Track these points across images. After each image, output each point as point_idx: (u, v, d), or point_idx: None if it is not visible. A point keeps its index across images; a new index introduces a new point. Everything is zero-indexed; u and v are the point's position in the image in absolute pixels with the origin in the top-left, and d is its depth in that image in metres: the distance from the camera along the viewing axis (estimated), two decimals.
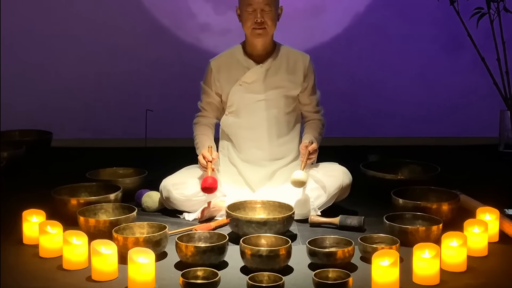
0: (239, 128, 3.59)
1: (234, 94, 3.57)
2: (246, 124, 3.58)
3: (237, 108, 3.58)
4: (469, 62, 5.00)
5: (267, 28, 3.47)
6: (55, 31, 5.01)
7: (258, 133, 3.57)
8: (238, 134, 3.60)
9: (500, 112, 4.79)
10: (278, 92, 3.56)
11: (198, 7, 5.05)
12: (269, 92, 3.55)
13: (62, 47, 5.03)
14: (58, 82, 5.07)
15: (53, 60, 5.05)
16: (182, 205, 3.47)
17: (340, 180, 3.47)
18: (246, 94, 3.56)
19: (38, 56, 5.03)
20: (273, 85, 3.55)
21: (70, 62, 5.05)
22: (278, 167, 3.58)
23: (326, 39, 5.07)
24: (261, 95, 3.55)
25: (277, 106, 3.57)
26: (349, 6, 5.07)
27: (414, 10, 5.06)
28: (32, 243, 3.08)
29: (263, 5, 3.45)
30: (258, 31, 3.47)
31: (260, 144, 3.57)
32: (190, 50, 5.04)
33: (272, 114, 3.56)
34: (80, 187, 3.61)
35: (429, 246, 2.75)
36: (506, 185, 4.02)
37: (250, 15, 3.46)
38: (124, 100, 5.10)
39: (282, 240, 2.91)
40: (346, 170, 3.54)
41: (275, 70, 3.56)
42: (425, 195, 3.51)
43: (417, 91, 5.15)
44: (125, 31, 5.04)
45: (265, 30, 3.47)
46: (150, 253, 2.67)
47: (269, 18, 3.47)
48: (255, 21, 3.45)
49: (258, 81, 3.55)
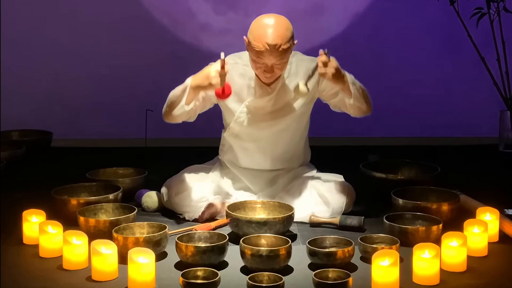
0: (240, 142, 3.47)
1: (238, 118, 3.39)
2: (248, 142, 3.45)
3: (239, 131, 3.44)
4: (469, 62, 4.99)
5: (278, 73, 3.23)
6: (55, 31, 5.01)
7: (261, 148, 3.46)
8: (239, 146, 3.49)
9: (500, 112, 4.78)
10: (288, 118, 3.38)
11: (198, 7, 5.05)
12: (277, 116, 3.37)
13: (62, 47, 5.03)
14: (58, 82, 5.06)
15: (53, 60, 5.04)
16: (182, 210, 3.46)
17: (344, 197, 3.41)
18: (251, 120, 3.38)
19: (38, 56, 5.03)
20: (282, 111, 3.36)
21: (70, 62, 5.05)
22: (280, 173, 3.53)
23: (326, 39, 5.07)
24: (266, 122, 3.38)
25: (286, 128, 3.42)
26: (349, 6, 5.07)
27: (414, 10, 5.05)
28: (32, 243, 3.08)
29: (275, 61, 3.16)
30: (267, 78, 3.25)
31: (263, 157, 3.47)
32: (190, 50, 5.04)
33: (278, 135, 3.42)
34: (80, 187, 3.61)
35: (429, 246, 2.75)
36: (506, 185, 4.01)
37: (260, 65, 3.19)
38: (124, 100, 5.10)
39: (282, 240, 2.91)
40: (350, 187, 3.47)
41: (284, 90, 3.33)
42: (425, 195, 3.50)
43: (417, 91, 5.15)
44: (125, 31, 5.04)
45: (276, 74, 3.23)
46: (150, 253, 2.67)
47: (281, 68, 3.21)
48: (265, 70, 3.20)
49: (266, 108, 3.36)
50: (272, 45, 3.11)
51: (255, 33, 3.15)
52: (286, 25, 3.18)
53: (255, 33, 3.15)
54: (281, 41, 3.12)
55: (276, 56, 3.13)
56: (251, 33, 3.18)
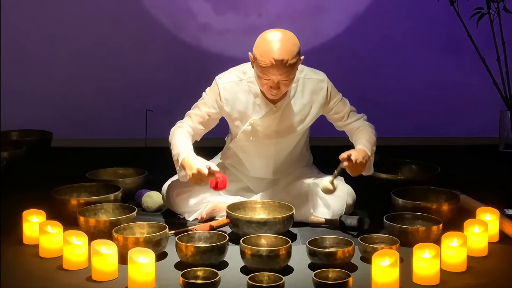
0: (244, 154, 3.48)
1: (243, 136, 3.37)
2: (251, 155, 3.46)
3: (242, 146, 3.44)
4: (469, 62, 5.00)
5: (284, 89, 3.17)
6: (55, 31, 5.01)
7: (264, 161, 3.46)
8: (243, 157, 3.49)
9: (500, 112, 4.79)
10: (291, 136, 3.37)
11: (198, 7, 5.05)
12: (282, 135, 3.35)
13: (62, 47, 5.03)
14: (58, 82, 5.06)
15: (53, 60, 5.04)
16: (183, 210, 3.45)
17: (344, 200, 3.40)
18: (255, 137, 3.36)
19: (38, 56, 5.03)
20: (287, 130, 3.34)
21: (70, 62, 5.05)
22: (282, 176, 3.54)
23: (326, 40, 5.07)
24: (272, 140, 3.36)
25: (289, 144, 3.42)
26: (349, 6, 5.07)
27: (414, 10, 5.06)
28: (32, 243, 3.08)
29: (281, 78, 3.09)
30: (273, 95, 3.19)
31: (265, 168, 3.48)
32: (190, 50, 5.04)
33: (282, 150, 3.42)
34: (80, 187, 3.61)
35: (429, 246, 2.75)
36: (506, 185, 4.01)
37: (266, 81, 3.12)
38: (124, 100, 5.10)
39: (282, 240, 2.91)
40: (351, 190, 3.45)
41: (289, 109, 3.30)
42: (425, 195, 3.50)
43: (417, 91, 5.15)
44: (125, 31, 5.04)
45: (282, 91, 3.17)
46: (150, 253, 2.67)
47: (287, 84, 3.14)
48: (271, 86, 3.13)
49: (271, 127, 3.33)
50: (279, 61, 3.04)
51: (261, 49, 3.08)
52: (293, 41, 3.11)
53: (261, 48, 3.08)
54: (288, 56, 3.05)
55: (283, 72, 3.07)
56: (257, 49, 3.12)
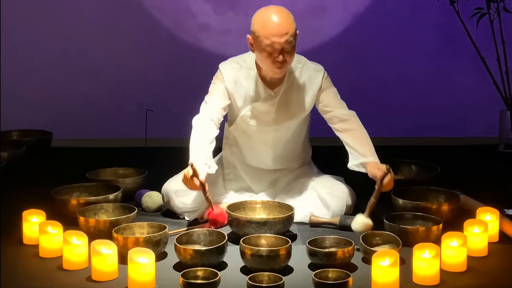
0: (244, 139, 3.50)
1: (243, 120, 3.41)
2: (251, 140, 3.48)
3: (242, 131, 3.47)
4: (469, 62, 5.00)
5: (287, 63, 3.21)
6: (55, 31, 5.01)
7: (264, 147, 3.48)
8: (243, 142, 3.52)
9: (500, 112, 4.79)
10: (289, 122, 3.41)
11: (198, 8, 5.05)
12: (280, 121, 3.39)
13: (62, 47, 5.03)
14: (58, 82, 5.06)
15: (53, 60, 5.04)
16: (182, 212, 3.45)
17: (344, 201, 3.40)
18: (254, 122, 3.41)
19: (38, 56, 5.03)
20: (285, 116, 3.38)
21: (70, 62, 5.05)
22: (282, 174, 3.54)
23: (326, 39, 5.07)
24: (270, 127, 3.41)
25: (287, 131, 3.45)
26: (349, 6, 5.07)
27: (414, 10, 5.05)
28: (32, 243, 3.08)
29: (285, 44, 3.15)
30: (278, 69, 3.21)
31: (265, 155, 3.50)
32: (190, 50, 5.04)
33: (281, 136, 3.45)
34: (80, 187, 3.61)
35: (429, 246, 2.75)
36: (506, 185, 4.01)
37: (269, 54, 3.17)
38: (124, 100, 5.10)
39: (282, 240, 2.91)
40: (351, 191, 3.46)
41: (286, 95, 3.36)
42: (425, 195, 3.50)
43: (417, 91, 5.15)
44: (125, 31, 5.04)
45: (286, 65, 3.21)
46: (150, 253, 2.67)
47: (290, 54, 3.19)
48: (276, 60, 3.17)
49: (270, 112, 3.38)
50: (280, 24, 3.14)
51: (260, 21, 3.18)
52: (286, 11, 3.22)
53: (260, 20, 3.18)
54: (286, 20, 3.17)
55: (285, 39, 3.13)
56: (256, 24, 3.19)
